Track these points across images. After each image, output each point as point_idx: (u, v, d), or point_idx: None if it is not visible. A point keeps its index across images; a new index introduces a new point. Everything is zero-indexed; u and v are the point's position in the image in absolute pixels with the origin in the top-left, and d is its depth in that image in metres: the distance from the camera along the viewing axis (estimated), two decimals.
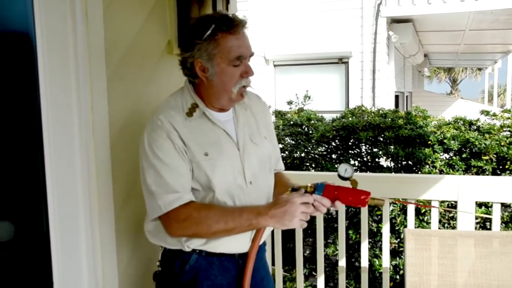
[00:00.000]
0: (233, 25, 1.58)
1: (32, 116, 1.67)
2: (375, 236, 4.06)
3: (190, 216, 1.55)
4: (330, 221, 4.27)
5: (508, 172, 3.83)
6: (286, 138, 4.70)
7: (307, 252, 4.65)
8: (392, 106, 8.35)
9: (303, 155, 4.52)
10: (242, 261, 1.67)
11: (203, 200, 1.63)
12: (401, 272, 3.91)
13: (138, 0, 1.95)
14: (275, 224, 1.54)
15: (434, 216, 2.64)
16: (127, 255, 1.88)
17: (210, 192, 1.61)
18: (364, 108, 4.98)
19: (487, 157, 3.89)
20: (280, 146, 4.63)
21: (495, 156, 3.88)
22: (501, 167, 3.87)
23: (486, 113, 4.72)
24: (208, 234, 1.60)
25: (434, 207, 2.50)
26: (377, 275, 3.96)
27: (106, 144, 1.74)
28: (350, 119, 4.61)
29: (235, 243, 1.65)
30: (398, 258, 3.99)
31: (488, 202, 3.30)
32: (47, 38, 1.60)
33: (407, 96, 12.84)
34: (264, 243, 1.85)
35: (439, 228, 3.02)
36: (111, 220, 1.77)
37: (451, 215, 3.82)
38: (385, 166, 4.27)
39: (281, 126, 4.89)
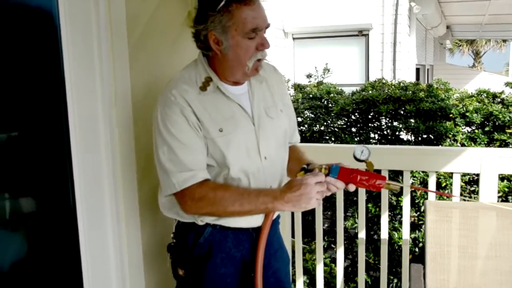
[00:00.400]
0: None
1: (56, 88, 1.68)
2: (394, 209, 4.05)
3: (205, 196, 1.55)
4: (349, 194, 4.26)
5: None
6: (305, 112, 4.67)
7: (326, 225, 4.67)
8: (413, 79, 8.23)
9: (322, 128, 4.50)
10: (255, 234, 1.68)
11: (218, 176, 1.62)
12: (420, 245, 3.92)
13: None
14: (291, 208, 1.54)
15: (456, 187, 2.62)
16: (149, 226, 1.91)
17: (225, 169, 1.60)
18: (384, 81, 4.92)
19: (511, 130, 3.83)
20: (299, 119, 4.61)
21: None
22: None
23: (511, 85, 4.63)
24: (223, 214, 1.60)
25: (452, 195, 2.46)
26: (396, 247, 3.97)
27: (129, 115, 1.76)
28: (370, 92, 4.55)
29: (249, 218, 1.65)
30: (417, 231, 3.99)
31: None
32: (69, 13, 1.61)
33: (428, 69, 12.63)
34: (278, 216, 1.85)
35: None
36: (134, 191, 1.80)
37: (472, 188, 3.78)
38: (405, 139, 4.23)
39: (300, 100, 4.86)
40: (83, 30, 1.61)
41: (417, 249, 3.99)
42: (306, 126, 4.49)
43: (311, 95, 4.91)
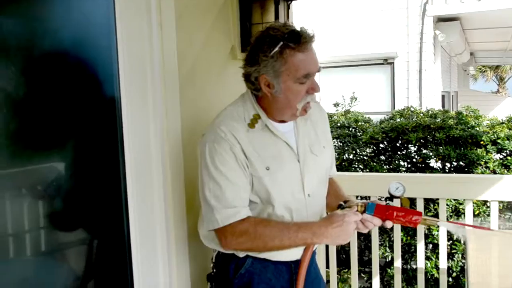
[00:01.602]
0: (302, 42, 1.53)
1: (113, 124, 1.74)
2: (426, 238, 4.02)
3: (246, 232, 1.56)
4: None
5: None
6: (333, 140, 4.71)
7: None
8: (438, 106, 8.21)
9: (351, 156, 4.52)
10: (294, 265, 1.69)
11: (261, 213, 1.63)
12: (454, 274, 3.86)
13: (205, 8, 2.02)
14: (328, 242, 1.58)
15: (494, 216, 2.61)
16: (194, 256, 1.95)
17: (269, 206, 1.62)
18: (413, 109, 4.94)
19: None
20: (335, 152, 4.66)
21: None
22: None
23: None
24: (262, 250, 1.62)
25: (491, 229, 2.44)
26: (429, 277, 3.92)
27: (179, 148, 1.81)
28: (399, 120, 4.58)
29: (289, 252, 1.66)
30: (450, 261, 3.94)
31: None
32: (127, 50, 1.68)
33: (452, 96, 12.56)
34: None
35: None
36: (183, 222, 1.84)
37: (507, 216, 3.74)
38: (435, 167, 4.22)
39: None
40: (138, 67, 1.68)
41: (450, 279, 3.93)
42: (335, 154, 4.52)
43: (338, 124, 4.95)
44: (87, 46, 1.65)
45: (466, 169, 3.97)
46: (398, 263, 2.89)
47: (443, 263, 2.77)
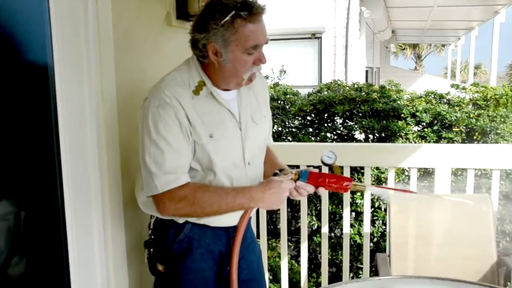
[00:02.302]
0: (254, 13, 1.53)
1: (46, 88, 1.68)
2: (350, 206, 4.20)
3: (185, 198, 1.57)
4: None
5: (476, 142, 4.03)
6: None
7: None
8: (363, 81, 8.52)
9: (280, 128, 4.61)
10: (232, 230, 1.73)
11: (202, 180, 1.64)
12: (375, 239, 4.08)
13: None
14: (263, 207, 1.64)
15: (413, 182, 2.78)
16: (131, 222, 1.94)
17: (210, 173, 1.64)
18: (340, 82, 5.09)
19: (457, 129, 4.06)
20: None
21: (464, 128, 4.06)
22: (469, 138, 4.07)
23: (456, 86, 4.91)
24: (200, 215, 1.65)
25: (412, 192, 2.60)
26: (352, 243, 4.12)
27: (114, 114, 1.77)
28: (326, 93, 4.71)
29: (227, 219, 1.69)
30: (372, 227, 4.15)
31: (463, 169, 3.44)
32: (59, 15, 1.61)
33: (375, 71, 13.08)
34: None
35: None
36: (119, 188, 1.82)
37: (422, 184, 4.00)
38: (360, 139, 4.41)
39: None
40: (72, 32, 1.61)
41: (372, 244, 4.15)
42: None
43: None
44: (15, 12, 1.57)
45: (388, 140, 4.17)
46: (325, 229, 3.02)
47: (366, 227, 2.93)
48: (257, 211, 3.12)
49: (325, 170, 1.76)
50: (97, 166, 1.71)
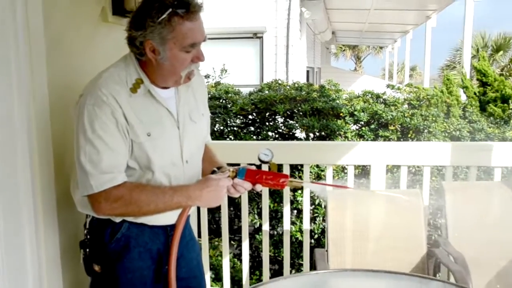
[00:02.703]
0: (191, 11, 1.51)
1: None
2: (291, 204, 4.26)
3: (121, 197, 1.54)
4: (249, 191, 4.41)
5: (410, 140, 4.20)
6: None
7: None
8: (304, 81, 8.65)
9: (222, 127, 4.61)
10: (170, 228, 1.71)
11: (139, 179, 1.62)
12: (316, 236, 4.16)
13: None
14: (201, 205, 1.67)
15: (350, 179, 2.86)
16: (65, 222, 1.87)
17: (148, 172, 1.62)
18: (280, 82, 5.15)
19: (392, 128, 4.23)
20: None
21: (399, 126, 4.23)
22: (404, 136, 4.24)
23: (392, 87, 5.09)
24: (137, 214, 1.62)
25: (347, 187, 2.67)
26: (293, 240, 4.18)
27: (46, 111, 1.71)
28: (267, 92, 4.75)
29: (165, 217, 1.67)
30: (312, 224, 4.23)
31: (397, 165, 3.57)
32: None
33: (316, 72, 13.34)
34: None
35: None
36: (51, 188, 1.76)
37: (360, 181, 4.12)
38: (300, 137, 4.48)
39: None
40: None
41: (313, 241, 4.24)
42: None
43: (209, 95, 4.99)
44: None
45: (327, 139, 4.27)
46: (266, 227, 3.05)
47: (306, 224, 2.99)
48: (198, 210, 3.11)
49: (266, 168, 1.78)
50: (27, 165, 1.64)
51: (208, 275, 3.30)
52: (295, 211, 4.28)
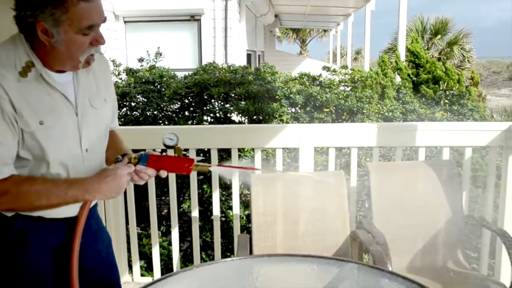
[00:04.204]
0: None
1: None
2: (228, 189, 4.21)
3: (8, 192, 1.43)
4: (185, 177, 4.33)
5: (344, 122, 4.23)
6: (138, 96, 4.59)
7: (166, 210, 4.69)
8: (244, 64, 8.58)
9: (156, 112, 4.48)
10: (72, 221, 1.59)
11: (33, 171, 1.50)
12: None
13: None
14: (101, 197, 1.53)
15: (279, 162, 2.83)
16: None
17: (42, 164, 1.50)
18: (215, 65, 5.05)
19: (327, 109, 4.23)
20: (132, 104, 4.53)
21: (334, 108, 4.24)
22: (339, 118, 4.26)
23: (327, 69, 5.10)
24: (27, 209, 1.51)
25: (258, 169, 2.62)
26: (231, 225, 4.15)
27: None
28: (201, 75, 4.64)
29: (65, 210, 1.56)
30: (246, 209, 4.20)
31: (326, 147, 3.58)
32: None
33: (259, 55, 13.29)
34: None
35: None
36: None
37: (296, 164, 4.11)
38: (237, 121, 4.42)
39: (132, 84, 4.75)
40: None
41: (250, 225, 4.21)
42: (139, 110, 4.42)
43: (143, 80, 4.83)
44: None
45: (263, 122, 4.23)
46: (195, 213, 3.00)
47: (236, 208, 2.95)
48: (125, 198, 3.00)
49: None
50: None
51: (138, 265, 3.21)
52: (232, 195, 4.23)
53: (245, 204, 4.13)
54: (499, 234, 2.27)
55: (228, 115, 4.37)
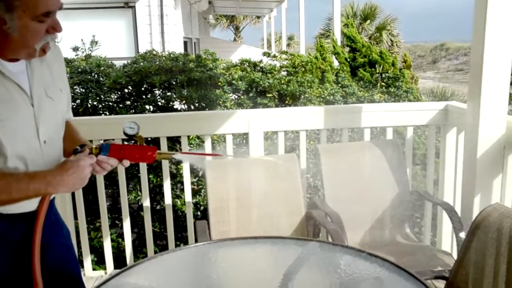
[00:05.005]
0: None
1: None
2: (174, 178, 4.18)
3: None
4: (130, 168, 4.24)
5: (287, 106, 4.30)
6: (75, 87, 4.42)
7: (108, 203, 4.57)
8: (181, 52, 8.47)
9: (95, 103, 4.34)
10: (32, 216, 1.53)
11: None
12: (202, 208, 4.13)
13: None
14: (65, 190, 1.48)
15: (229, 148, 2.84)
16: None
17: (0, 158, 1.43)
18: (155, 53, 4.96)
19: (270, 95, 4.28)
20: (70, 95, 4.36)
21: (277, 93, 4.29)
22: (282, 103, 4.32)
23: (268, 55, 5.15)
24: None
25: (220, 155, 2.64)
26: (180, 214, 4.12)
27: None
28: (142, 64, 4.54)
29: (24, 205, 1.50)
30: (198, 196, 4.19)
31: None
32: None
33: (195, 42, 13.15)
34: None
35: None
36: None
37: (243, 150, 4.14)
38: (179, 109, 4.37)
39: (68, 74, 4.57)
40: None
41: (199, 213, 4.21)
42: (78, 101, 4.26)
43: (80, 69, 4.66)
44: None
45: (207, 109, 4.21)
46: (147, 203, 2.95)
47: (188, 197, 2.94)
48: (72, 193, 2.91)
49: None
50: None
51: (89, 259, 3.13)
52: (179, 185, 4.21)
53: (192, 192, 4.12)
54: (443, 207, 2.41)
55: (171, 103, 4.31)
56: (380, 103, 4.25)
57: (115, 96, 4.42)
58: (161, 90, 4.36)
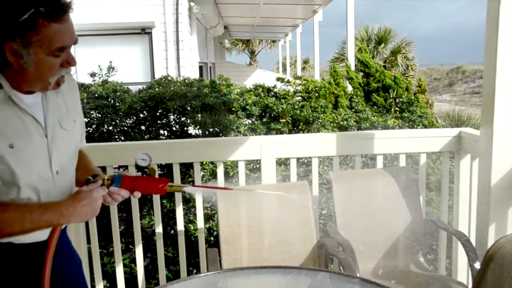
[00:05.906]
0: (58, 12, 1.35)
1: None
2: (188, 203, 4.19)
3: None
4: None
5: (301, 132, 4.31)
6: (91, 112, 4.50)
7: (122, 227, 4.59)
8: (197, 77, 8.57)
9: (111, 128, 4.40)
10: (42, 245, 1.55)
11: (1, 197, 1.45)
12: (215, 233, 4.12)
13: None
14: (77, 220, 1.50)
15: (241, 175, 2.85)
16: None
17: (13, 188, 1.45)
18: (170, 78, 5.03)
19: (284, 120, 4.30)
20: (86, 120, 4.43)
21: (290, 118, 4.31)
22: (295, 128, 4.33)
23: (281, 80, 5.18)
24: (0, 236, 1.46)
25: (228, 189, 2.64)
26: (193, 239, 4.12)
27: None
28: (157, 89, 4.61)
29: (35, 234, 1.51)
30: (211, 221, 4.19)
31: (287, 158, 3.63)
32: None
33: (210, 67, 13.30)
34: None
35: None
36: None
37: (255, 175, 4.14)
38: (193, 134, 4.41)
39: (85, 100, 4.65)
40: None
41: (212, 238, 4.20)
42: (94, 126, 4.33)
43: (96, 95, 4.74)
44: None
45: (221, 134, 4.24)
46: (159, 229, 2.96)
47: (200, 223, 2.94)
48: None
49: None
50: None
51: (101, 285, 3.13)
52: (193, 209, 4.21)
53: (206, 217, 4.12)
54: (456, 236, 2.37)
55: (185, 128, 4.35)
56: (393, 130, 4.23)
57: (130, 121, 4.48)
58: (175, 115, 4.41)
